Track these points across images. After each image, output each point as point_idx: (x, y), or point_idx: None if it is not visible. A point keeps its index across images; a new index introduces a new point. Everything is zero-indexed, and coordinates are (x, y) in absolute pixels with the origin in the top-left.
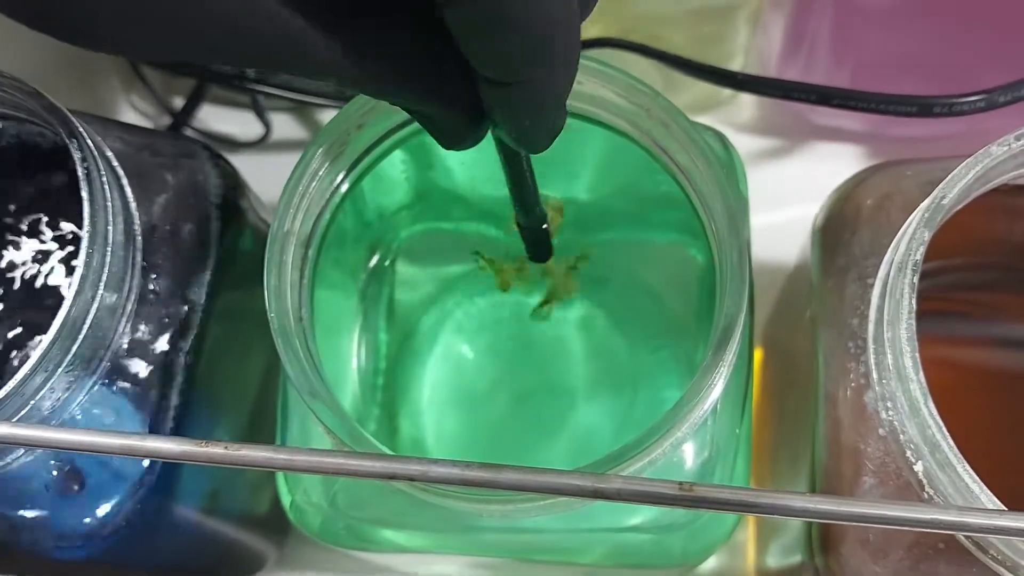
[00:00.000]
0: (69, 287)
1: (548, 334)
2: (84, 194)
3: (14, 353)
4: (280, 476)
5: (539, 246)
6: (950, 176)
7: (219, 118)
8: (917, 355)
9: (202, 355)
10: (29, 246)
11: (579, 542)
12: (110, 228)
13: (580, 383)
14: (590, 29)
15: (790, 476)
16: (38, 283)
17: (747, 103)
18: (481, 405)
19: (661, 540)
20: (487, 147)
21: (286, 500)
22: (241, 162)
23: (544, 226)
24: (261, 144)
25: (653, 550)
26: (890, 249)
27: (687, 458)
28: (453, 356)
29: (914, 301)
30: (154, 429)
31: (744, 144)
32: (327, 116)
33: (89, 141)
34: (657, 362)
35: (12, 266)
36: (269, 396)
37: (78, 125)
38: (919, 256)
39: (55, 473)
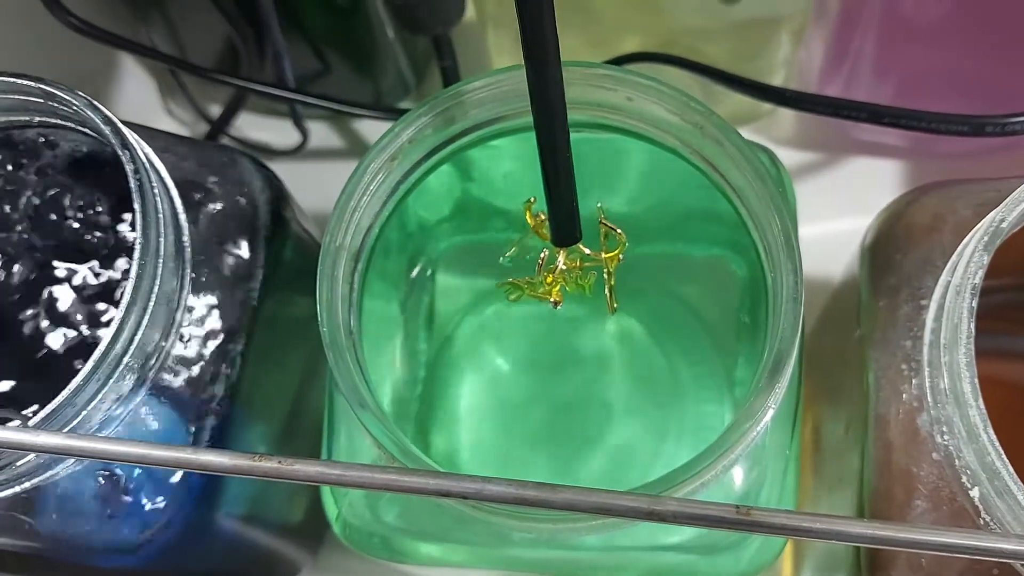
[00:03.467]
0: (120, 298)
1: (586, 346)
2: (136, 205)
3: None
4: (326, 489)
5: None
6: (1009, 199)
7: (256, 126)
8: (976, 380)
9: (246, 364)
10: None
11: (618, 560)
12: (161, 240)
13: (617, 396)
14: (628, 42)
15: (834, 494)
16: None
17: (787, 116)
18: (517, 416)
19: (703, 561)
20: (529, 158)
21: (332, 512)
22: (278, 170)
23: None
24: (298, 152)
25: (693, 571)
26: (945, 271)
27: (737, 478)
28: (490, 367)
29: (972, 325)
30: (197, 437)
31: (784, 157)
32: (364, 125)
33: (141, 153)
34: (695, 376)
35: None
36: (305, 403)
37: (129, 136)
38: (978, 279)
39: (102, 482)
